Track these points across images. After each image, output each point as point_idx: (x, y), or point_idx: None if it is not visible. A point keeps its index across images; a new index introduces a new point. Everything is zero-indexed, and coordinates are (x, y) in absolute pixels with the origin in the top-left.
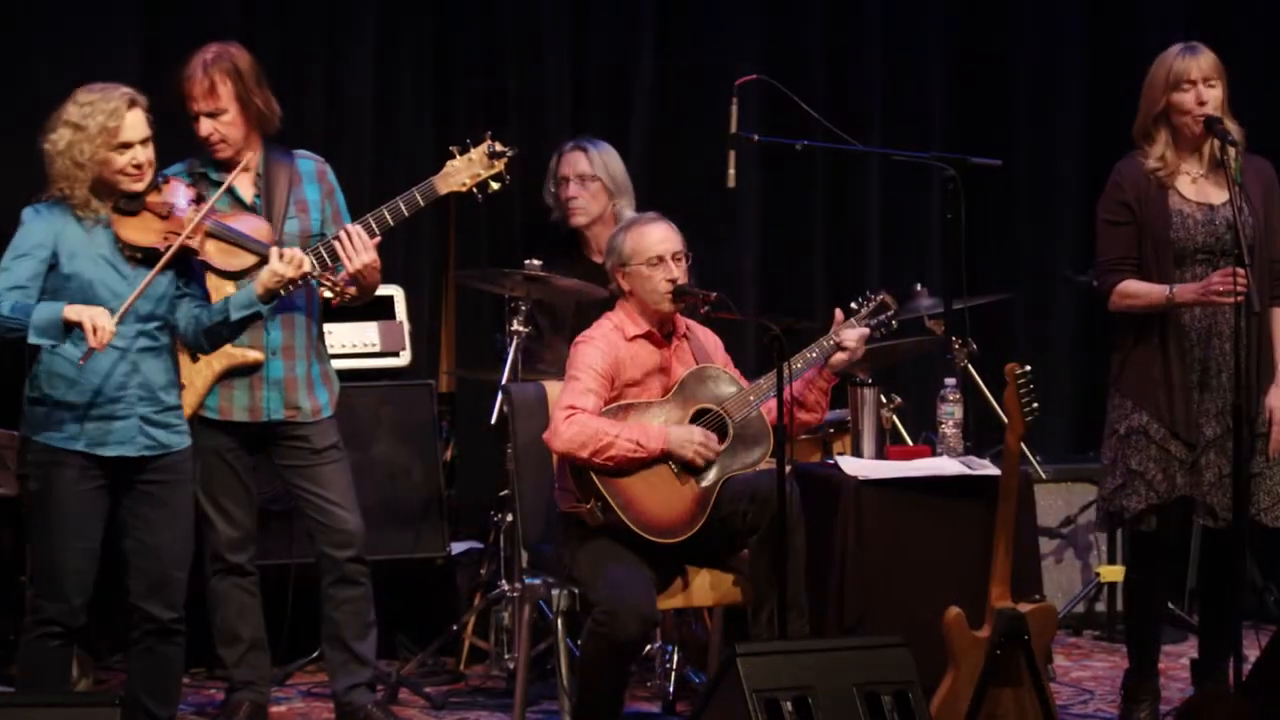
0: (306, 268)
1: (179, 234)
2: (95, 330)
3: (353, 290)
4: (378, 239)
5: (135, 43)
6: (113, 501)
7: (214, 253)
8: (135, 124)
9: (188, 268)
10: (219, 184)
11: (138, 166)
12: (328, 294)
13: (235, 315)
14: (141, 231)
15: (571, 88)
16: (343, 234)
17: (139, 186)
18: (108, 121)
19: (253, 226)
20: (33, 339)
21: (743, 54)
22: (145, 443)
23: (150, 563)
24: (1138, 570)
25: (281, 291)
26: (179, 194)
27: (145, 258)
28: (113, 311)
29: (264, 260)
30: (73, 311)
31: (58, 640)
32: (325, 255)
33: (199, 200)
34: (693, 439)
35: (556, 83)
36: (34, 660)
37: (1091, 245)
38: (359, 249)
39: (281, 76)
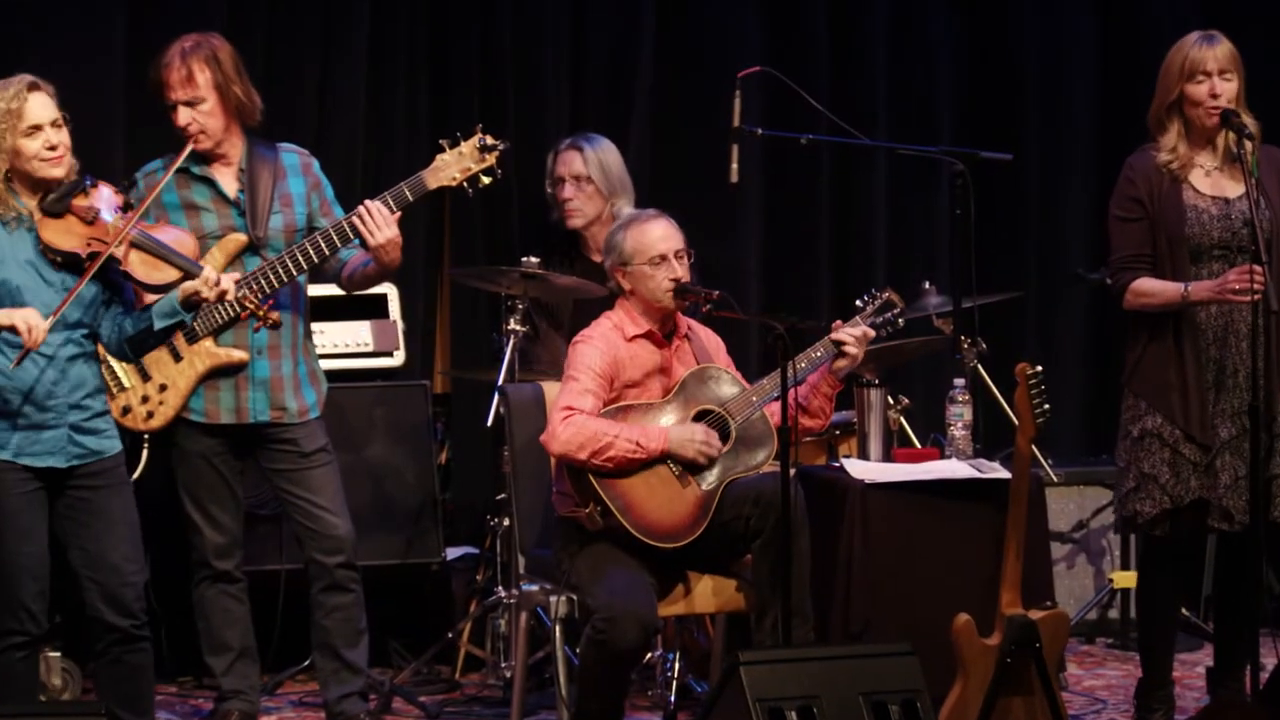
0: (230, 296)
1: (102, 240)
2: (30, 329)
3: (275, 316)
4: (398, 215)
5: (121, 37)
6: (49, 510)
7: (136, 264)
8: (40, 105)
9: (112, 275)
10: (200, 178)
11: (52, 148)
12: (253, 319)
13: (159, 324)
14: (64, 235)
15: (570, 81)
16: (362, 209)
17: (58, 171)
18: (9, 105)
19: (175, 238)
20: None
21: (745, 46)
22: (75, 451)
23: (99, 573)
24: (1151, 576)
25: (203, 303)
26: (105, 199)
27: (66, 262)
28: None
29: (187, 275)
30: (3, 315)
31: (22, 651)
32: (336, 237)
33: (126, 208)
34: (694, 438)
35: (555, 77)
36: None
37: (1104, 242)
38: (381, 224)
39: (271, 69)
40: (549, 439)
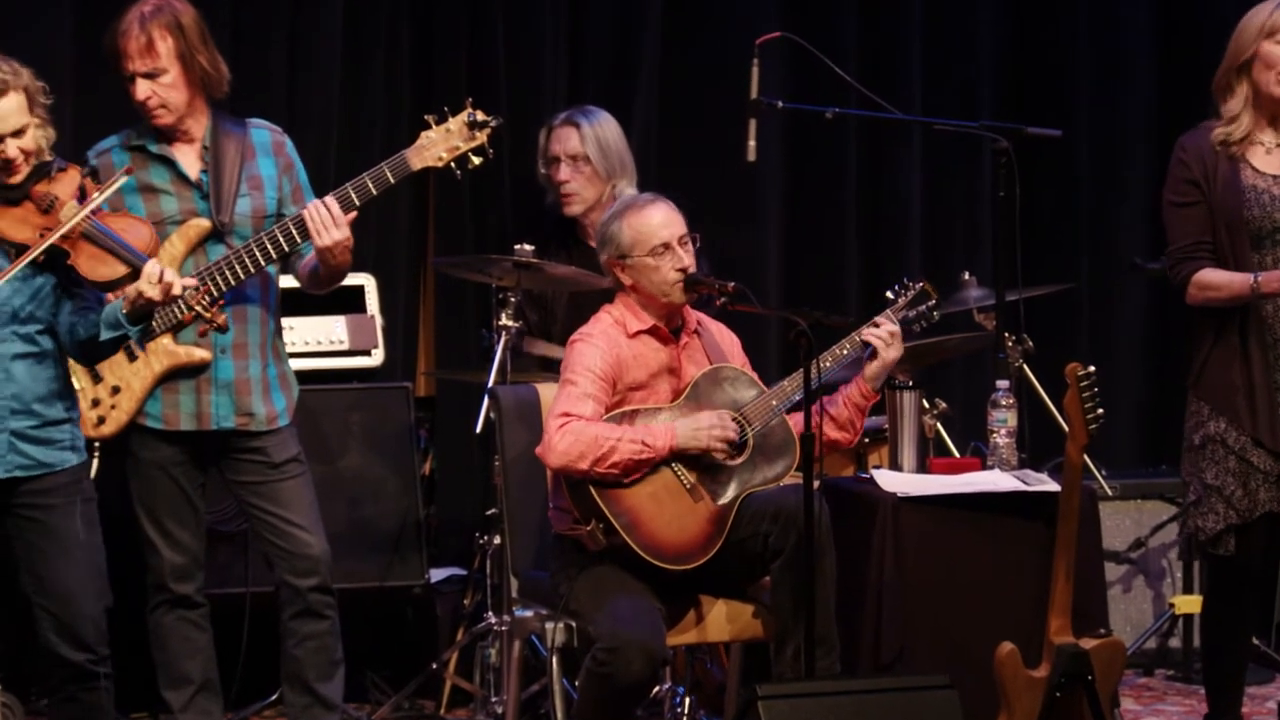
0: (176, 291)
1: (52, 231)
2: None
3: (222, 319)
4: (352, 215)
5: None
6: None
7: (83, 259)
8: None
9: (69, 270)
10: (159, 157)
11: (7, 161)
12: (198, 321)
13: (104, 334)
14: (17, 224)
15: (568, 49)
16: (313, 206)
17: (13, 180)
18: None
19: (135, 233)
20: None
21: (764, 9)
22: (18, 461)
23: (51, 602)
24: (1216, 600)
25: (154, 315)
26: (68, 186)
27: (19, 254)
28: None
29: (134, 272)
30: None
31: None
32: (295, 232)
33: (83, 196)
34: (702, 425)
35: (553, 41)
36: None
37: (1162, 229)
38: (328, 224)
39: (237, 34)
40: (545, 451)
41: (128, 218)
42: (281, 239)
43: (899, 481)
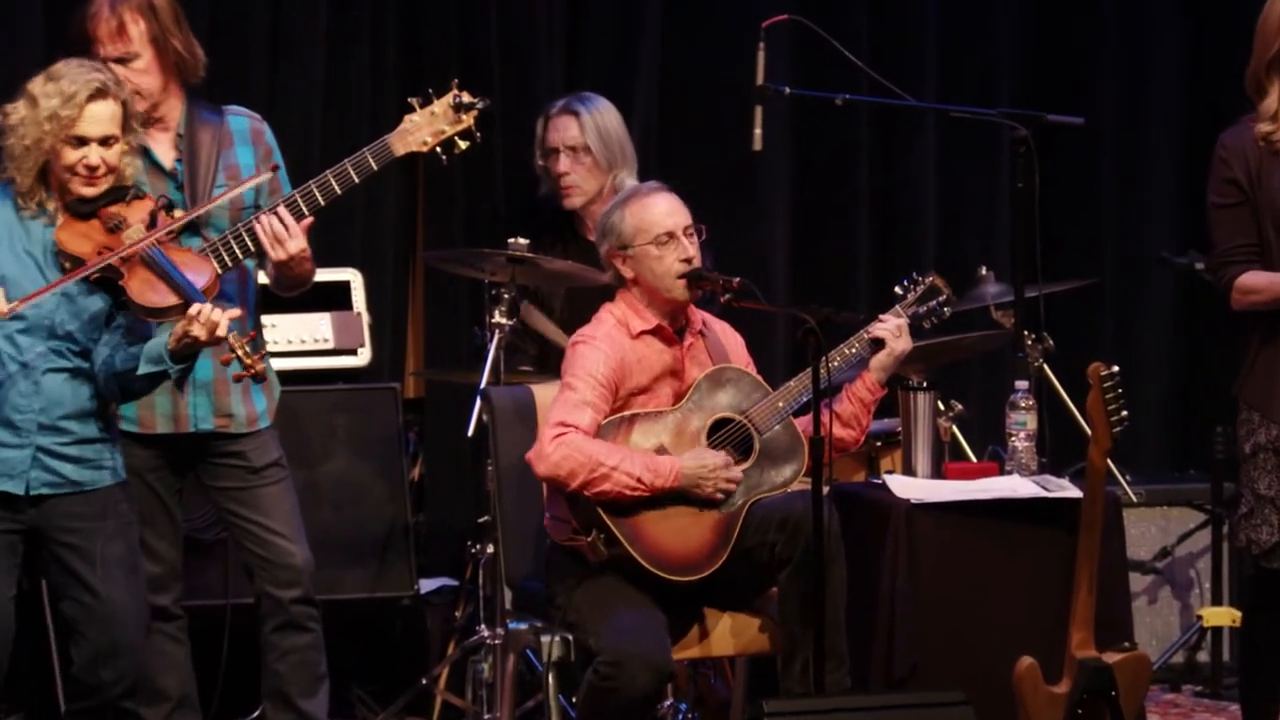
0: (221, 332)
1: (112, 251)
2: None
3: (260, 368)
4: (309, 221)
5: None
6: (31, 552)
7: (135, 281)
8: (97, 118)
9: (120, 295)
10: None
11: (91, 168)
12: (236, 365)
13: (143, 368)
14: (78, 238)
15: (565, 32)
16: (264, 218)
17: (89, 191)
18: (62, 109)
19: (194, 269)
20: None
21: None
22: (44, 478)
23: (89, 628)
24: (1259, 614)
25: (197, 354)
26: (140, 213)
27: (74, 268)
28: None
29: (185, 304)
30: None
31: None
32: (247, 239)
33: (152, 224)
34: (713, 472)
35: (548, 22)
36: None
37: (1191, 222)
38: (283, 236)
39: (215, 15)
40: (536, 458)
41: (191, 254)
42: (236, 247)
43: (913, 487)
